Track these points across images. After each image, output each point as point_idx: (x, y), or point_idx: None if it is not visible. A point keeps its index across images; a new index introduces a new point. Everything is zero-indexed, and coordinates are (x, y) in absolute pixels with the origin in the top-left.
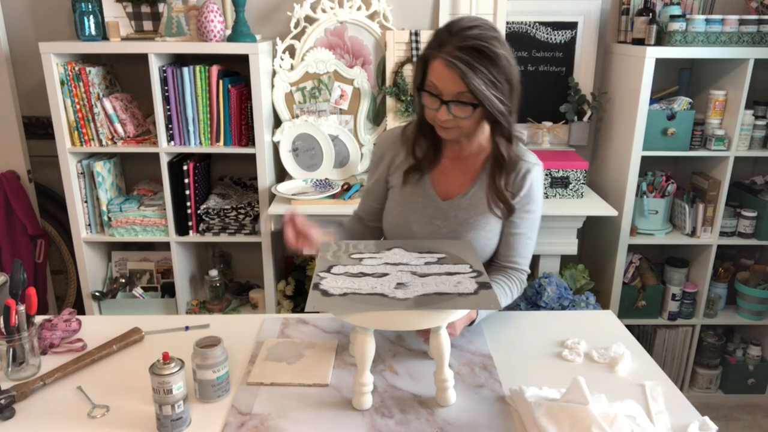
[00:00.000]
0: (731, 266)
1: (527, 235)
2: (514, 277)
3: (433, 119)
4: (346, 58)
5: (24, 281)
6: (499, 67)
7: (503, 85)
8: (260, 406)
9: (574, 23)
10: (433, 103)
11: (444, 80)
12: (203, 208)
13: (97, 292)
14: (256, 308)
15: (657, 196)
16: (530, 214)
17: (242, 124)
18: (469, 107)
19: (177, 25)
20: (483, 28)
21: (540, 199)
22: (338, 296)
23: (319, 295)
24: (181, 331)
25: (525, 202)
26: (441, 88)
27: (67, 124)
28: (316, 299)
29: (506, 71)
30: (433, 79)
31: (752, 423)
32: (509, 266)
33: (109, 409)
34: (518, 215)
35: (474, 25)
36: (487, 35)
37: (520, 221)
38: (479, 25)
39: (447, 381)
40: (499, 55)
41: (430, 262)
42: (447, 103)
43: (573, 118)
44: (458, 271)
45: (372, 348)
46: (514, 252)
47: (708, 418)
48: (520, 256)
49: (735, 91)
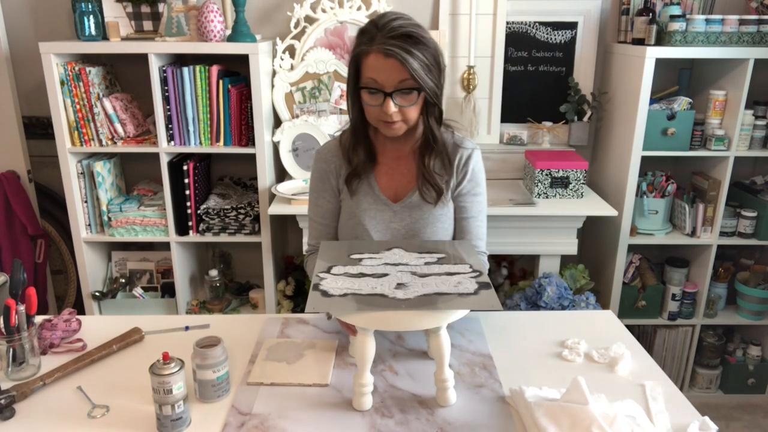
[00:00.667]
0: (731, 266)
1: (479, 217)
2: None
3: (377, 117)
4: (346, 58)
5: (24, 281)
6: (429, 51)
7: (435, 68)
8: (260, 406)
9: (574, 23)
10: (376, 99)
11: (384, 71)
12: (203, 208)
13: (97, 292)
14: (256, 308)
15: (657, 196)
16: (478, 197)
17: (242, 124)
18: (412, 94)
19: (177, 25)
20: (405, 18)
21: (483, 180)
22: (338, 297)
23: (319, 296)
24: (181, 331)
25: (471, 186)
26: (382, 81)
27: (67, 124)
28: (316, 300)
29: (434, 54)
30: (371, 75)
31: (752, 423)
32: None
33: (109, 409)
34: (467, 200)
35: (397, 17)
36: (412, 23)
37: (470, 206)
38: (401, 16)
39: (447, 381)
40: (428, 39)
41: (429, 262)
42: (390, 94)
43: (573, 118)
44: (458, 271)
45: (372, 348)
46: (471, 236)
47: (708, 418)
48: (477, 238)
49: (735, 91)
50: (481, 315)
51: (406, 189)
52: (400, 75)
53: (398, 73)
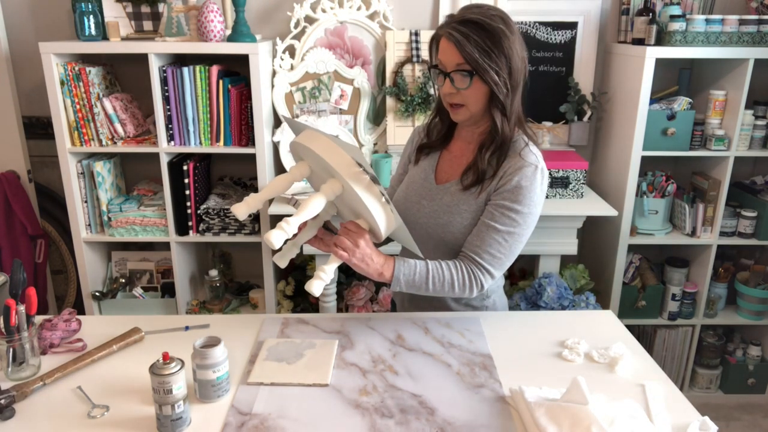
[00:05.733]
0: (731, 266)
1: (501, 232)
2: (466, 268)
3: (444, 99)
4: (346, 58)
5: (24, 281)
6: (495, 40)
7: (499, 58)
8: (260, 406)
9: (574, 23)
10: (440, 79)
11: (444, 53)
12: (203, 208)
13: (97, 292)
14: (256, 308)
15: (657, 196)
16: (512, 212)
17: (242, 124)
18: (467, 77)
19: (177, 25)
20: (485, 8)
21: (529, 204)
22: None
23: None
24: (181, 331)
25: (509, 197)
26: (444, 62)
27: (67, 124)
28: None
29: (503, 45)
30: (439, 56)
31: (752, 423)
32: (468, 255)
33: (109, 409)
34: (499, 208)
35: (477, 6)
36: (487, 13)
37: (498, 215)
38: (482, 6)
39: (285, 222)
40: (497, 29)
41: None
42: (449, 74)
43: (573, 118)
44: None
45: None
46: (480, 242)
47: (708, 418)
48: (484, 249)
49: (735, 91)
50: (481, 315)
51: (455, 177)
52: (457, 58)
53: (455, 55)
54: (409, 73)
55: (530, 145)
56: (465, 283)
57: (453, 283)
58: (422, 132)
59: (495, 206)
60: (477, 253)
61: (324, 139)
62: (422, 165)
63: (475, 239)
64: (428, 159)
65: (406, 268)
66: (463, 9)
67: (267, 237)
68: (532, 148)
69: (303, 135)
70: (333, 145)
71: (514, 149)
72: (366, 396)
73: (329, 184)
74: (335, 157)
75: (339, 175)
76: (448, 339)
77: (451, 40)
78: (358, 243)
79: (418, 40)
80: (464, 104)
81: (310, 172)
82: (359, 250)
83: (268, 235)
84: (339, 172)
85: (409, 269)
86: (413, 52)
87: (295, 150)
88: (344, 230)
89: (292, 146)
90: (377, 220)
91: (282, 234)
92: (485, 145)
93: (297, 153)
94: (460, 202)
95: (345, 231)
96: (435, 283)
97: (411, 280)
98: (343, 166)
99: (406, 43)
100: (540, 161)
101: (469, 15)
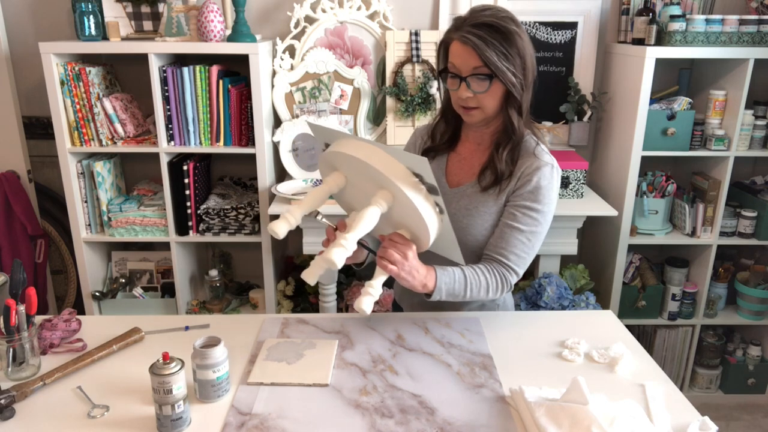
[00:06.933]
0: (731, 266)
1: (524, 232)
2: (496, 272)
3: (457, 101)
4: (346, 58)
5: (24, 281)
6: (511, 41)
7: (515, 59)
8: (260, 406)
9: (574, 23)
10: (454, 83)
11: (460, 57)
12: (203, 208)
13: (97, 292)
14: (256, 308)
15: (657, 196)
16: (532, 212)
17: (242, 124)
18: (485, 81)
19: (177, 25)
20: (496, 9)
21: (548, 202)
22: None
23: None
24: (181, 331)
25: (530, 200)
26: (459, 66)
27: (67, 124)
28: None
29: (518, 46)
30: (452, 60)
31: (752, 423)
32: (495, 257)
33: (109, 409)
34: (520, 209)
35: (488, 8)
36: (499, 15)
37: (520, 215)
38: (492, 7)
39: (343, 239)
40: (511, 31)
41: None
42: (465, 79)
43: (573, 118)
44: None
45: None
46: (505, 243)
47: (708, 418)
48: (510, 251)
49: (735, 91)
50: (481, 315)
51: (468, 179)
52: (475, 61)
53: (473, 59)
54: (409, 73)
55: (540, 143)
56: (498, 286)
57: (488, 287)
58: (425, 135)
59: (516, 207)
60: (504, 255)
61: (372, 148)
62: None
63: (499, 241)
64: (435, 162)
65: (446, 276)
66: (473, 12)
67: (328, 257)
68: (544, 147)
69: (346, 144)
70: (384, 153)
71: (526, 148)
72: (366, 396)
73: (381, 195)
74: (390, 167)
75: (394, 185)
76: (448, 339)
77: (467, 44)
78: (407, 255)
79: (418, 40)
80: (479, 107)
81: (346, 182)
82: (408, 262)
83: (328, 254)
84: (396, 183)
85: (450, 278)
86: (413, 52)
87: (328, 159)
88: (391, 242)
89: (327, 155)
90: (430, 231)
91: (344, 252)
92: (501, 145)
93: (330, 162)
94: (479, 204)
95: (392, 243)
96: (472, 289)
97: (451, 288)
98: (400, 177)
99: (406, 43)
100: (554, 159)
101: (482, 18)
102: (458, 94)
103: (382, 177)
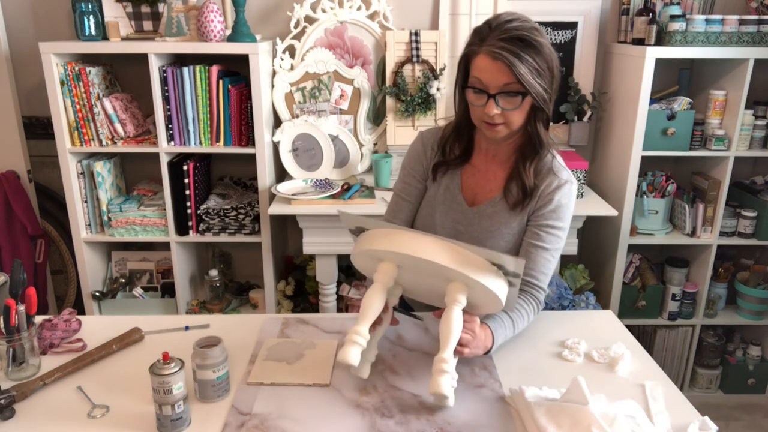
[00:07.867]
0: (731, 266)
1: (550, 251)
2: (531, 298)
3: (480, 117)
4: (346, 58)
5: (24, 281)
6: (542, 56)
7: (546, 73)
8: (260, 406)
9: (574, 23)
10: (480, 99)
11: (489, 73)
12: (203, 208)
13: (97, 292)
14: (256, 308)
15: (657, 196)
16: (556, 230)
17: (242, 124)
18: (517, 97)
19: (177, 25)
20: (522, 20)
21: (569, 218)
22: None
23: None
24: (181, 331)
25: (552, 219)
26: (486, 82)
27: (67, 124)
28: (345, 215)
29: (548, 59)
30: (477, 75)
31: (752, 423)
32: (526, 280)
33: (109, 409)
34: (543, 228)
35: (513, 18)
36: (527, 26)
37: (545, 235)
38: (518, 18)
39: (444, 363)
40: (542, 44)
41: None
42: (494, 96)
43: (573, 118)
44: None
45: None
46: (534, 265)
47: (708, 418)
48: (540, 271)
49: (735, 91)
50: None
51: (487, 195)
52: (506, 78)
53: (504, 76)
54: (409, 73)
55: (556, 156)
56: (534, 310)
57: (528, 317)
58: (435, 146)
59: (539, 227)
60: (533, 276)
61: (433, 242)
62: (443, 184)
63: (527, 263)
64: (448, 177)
65: (500, 329)
66: (499, 22)
67: (344, 357)
68: (560, 159)
69: (399, 242)
70: (459, 248)
71: (543, 163)
72: (366, 396)
73: (456, 289)
74: (468, 265)
75: (472, 280)
76: None
77: (499, 60)
78: (475, 331)
79: (418, 40)
80: (505, 123)
81: (398, 272)
82: (476, 339)
83: (346, 355)
84: (477, 280)
85: (503, 330)
86: (413, 52)
87: (376, 256)
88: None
89: (377, 253)
90: (503, 306)
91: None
92: (528, 158)
93: (375, 256)
94: (501, 225)
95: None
96: (517, 326)
97: (504, 337)
98: (482, 271)
99: (406, 43)
100: (571, 175)
101: (512, 31)
102: (485, 110)
103: (453, 272)
